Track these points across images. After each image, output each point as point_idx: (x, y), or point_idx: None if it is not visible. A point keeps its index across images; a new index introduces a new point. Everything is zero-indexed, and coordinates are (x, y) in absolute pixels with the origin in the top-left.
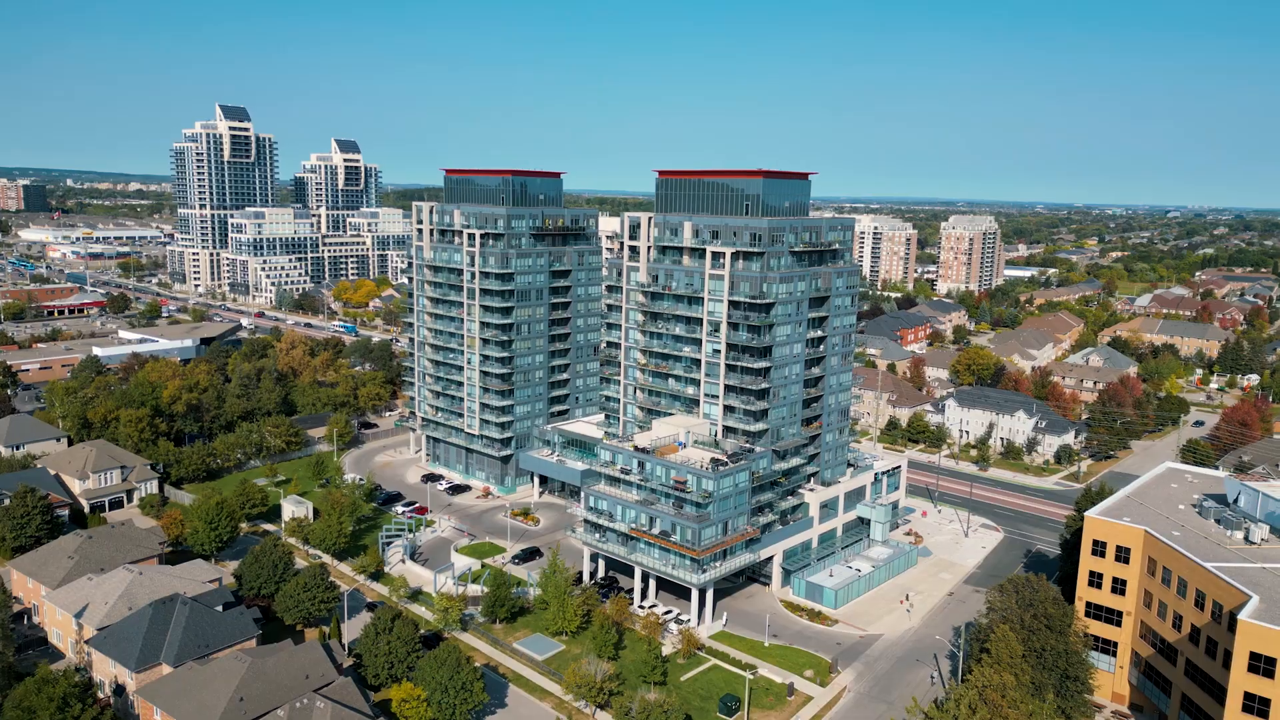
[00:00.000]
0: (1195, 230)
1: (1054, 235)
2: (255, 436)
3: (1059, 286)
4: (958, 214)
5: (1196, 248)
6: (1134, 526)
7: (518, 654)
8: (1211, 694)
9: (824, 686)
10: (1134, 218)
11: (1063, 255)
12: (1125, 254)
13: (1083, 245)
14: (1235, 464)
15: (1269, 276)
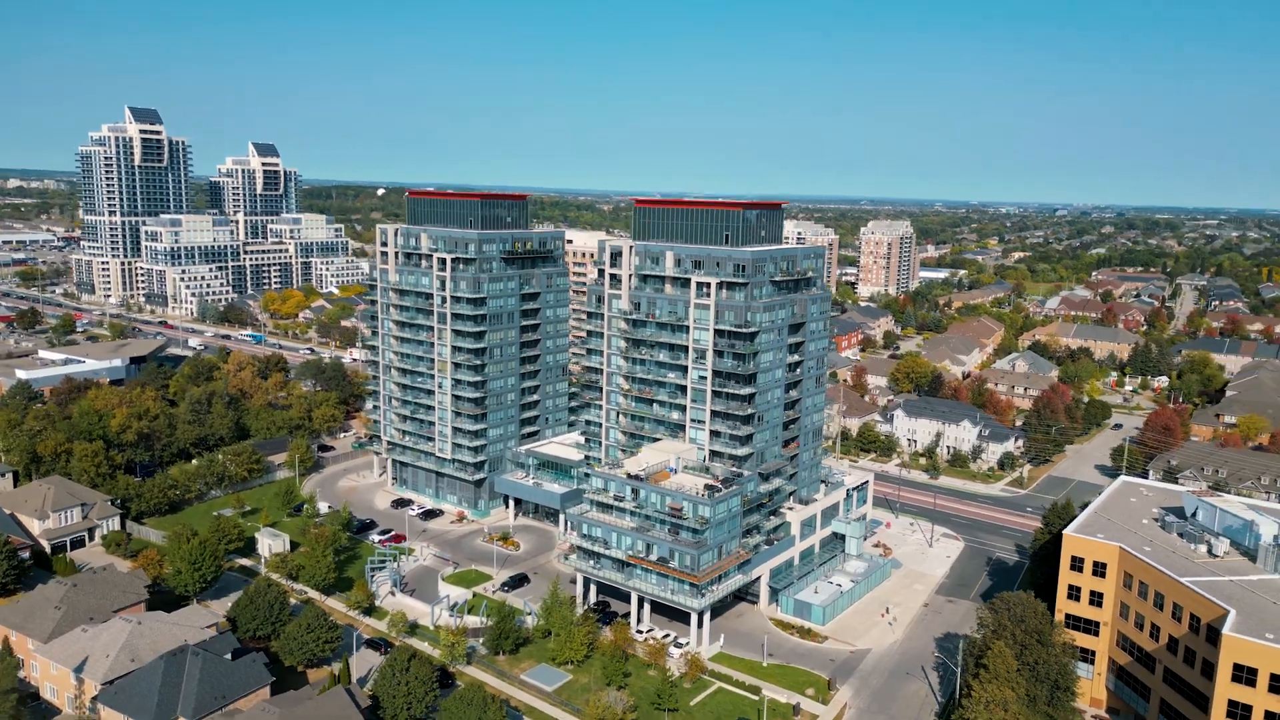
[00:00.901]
0: (1084, 229)
1: (957, 235)
2: (217, 466)
3: (971, 289)
4: (861, 210)
5: (1088, 247)
6: (1109, 544)
7: (527, 686)
8: (1191, 699)
9: (826, 705)
10: (1027, 216)
11: (969, 256)
12: (1027, 254)
13: (985, 245)
14: (1164, 468)
15: (1159, 276)
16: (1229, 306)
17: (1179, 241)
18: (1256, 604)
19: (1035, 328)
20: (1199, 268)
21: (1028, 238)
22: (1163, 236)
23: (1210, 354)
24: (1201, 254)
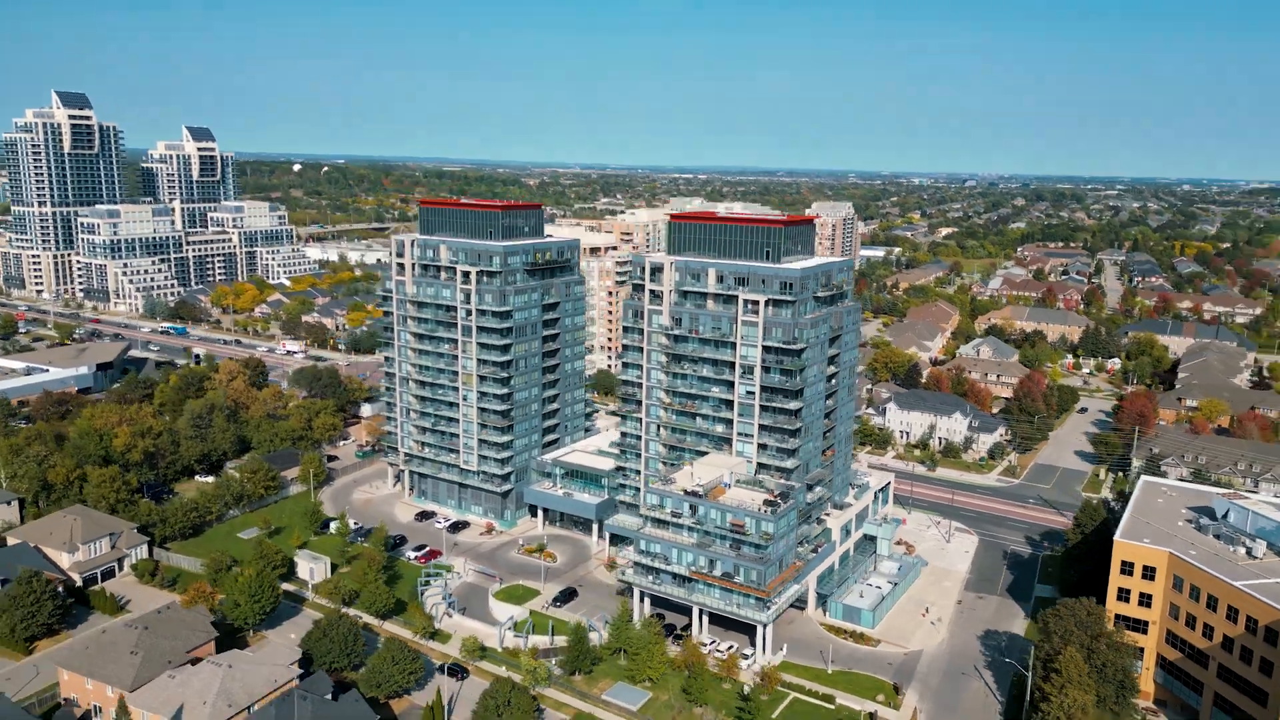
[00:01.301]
0: (998, 201)
1: (881, 209)
2: (235, 485)
3: (910, 268)
4: (781, 184)
5: (1006, 220)
6: (1159, 549)
7: (610, 706)
8: (1248, 694)
9: (898, 710)
10: (941, 188)
11: (899, 233)
12: (954, 230)
13: (911, 220)
14: (1147, 455)
15: (1081, 252)
16: (1153, 284)
17: (1087, 214)
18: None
19: (989, 311)
20: (1115, 242)
21: (948, 211)
22: (1071, 209)
23: (1155, 335)
24: (1114, 227)
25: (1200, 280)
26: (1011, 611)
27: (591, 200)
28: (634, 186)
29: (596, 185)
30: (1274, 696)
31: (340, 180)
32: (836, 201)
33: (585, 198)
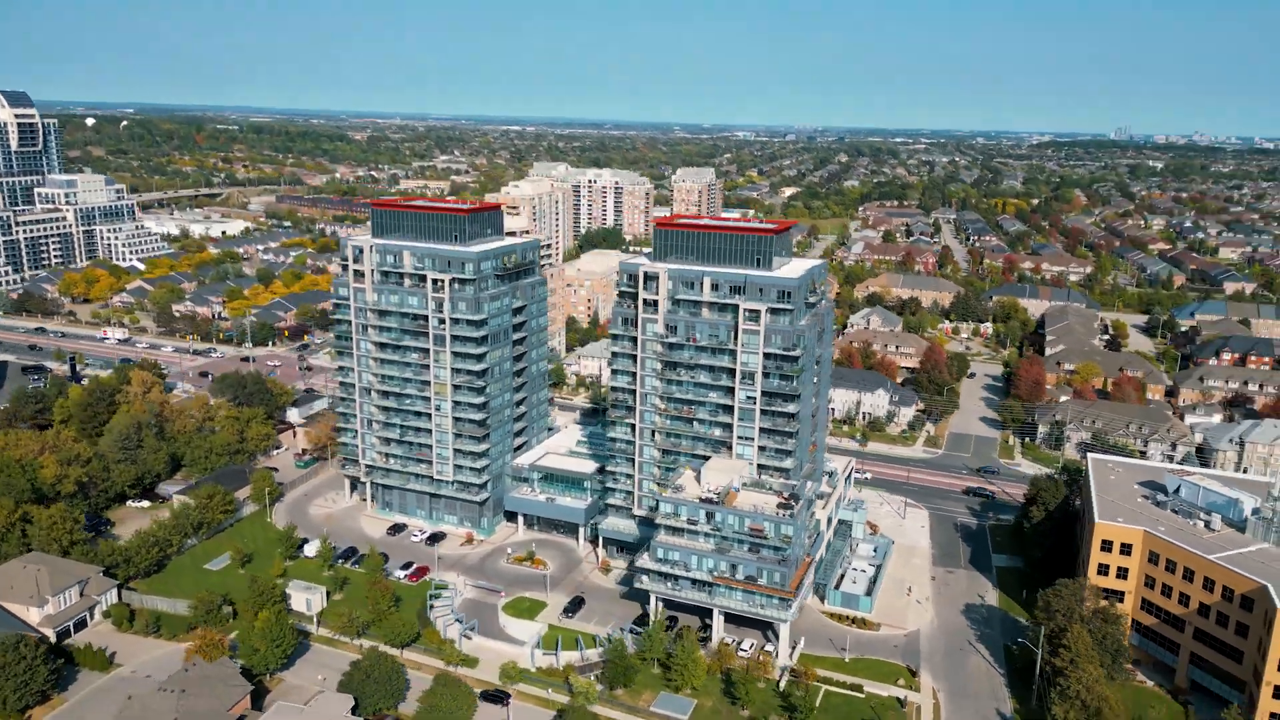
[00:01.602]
0: (824, 157)
1: (719, 168)
2: (193, 513)
3: None
4: (612, 138)
5: (836, 177)
6: (1135, 528)
7: (659, 716)
8: (1222, 651)
9: (918, 692)
10: (766, 142)
11: (745, 193)
12: (797, 190)
13: (752, 179)
14: (1052, 421)
15: (917, 211)
16: (990, 244)
17: (907, 170)
18: (1275, 574)
19: (865, 279)
20: (943, 201)
21: (781, 169)
22: (891, 164)
23: (1016, 299)
24: (936, 184)
25: (1028, 238)
26: (980, 584)
27: (428, 157)
28: (467, 141)
29: (428, 140)
30: (1248, 654)
31: (145, 136)
32: (700, 169)
33: (421, 154)
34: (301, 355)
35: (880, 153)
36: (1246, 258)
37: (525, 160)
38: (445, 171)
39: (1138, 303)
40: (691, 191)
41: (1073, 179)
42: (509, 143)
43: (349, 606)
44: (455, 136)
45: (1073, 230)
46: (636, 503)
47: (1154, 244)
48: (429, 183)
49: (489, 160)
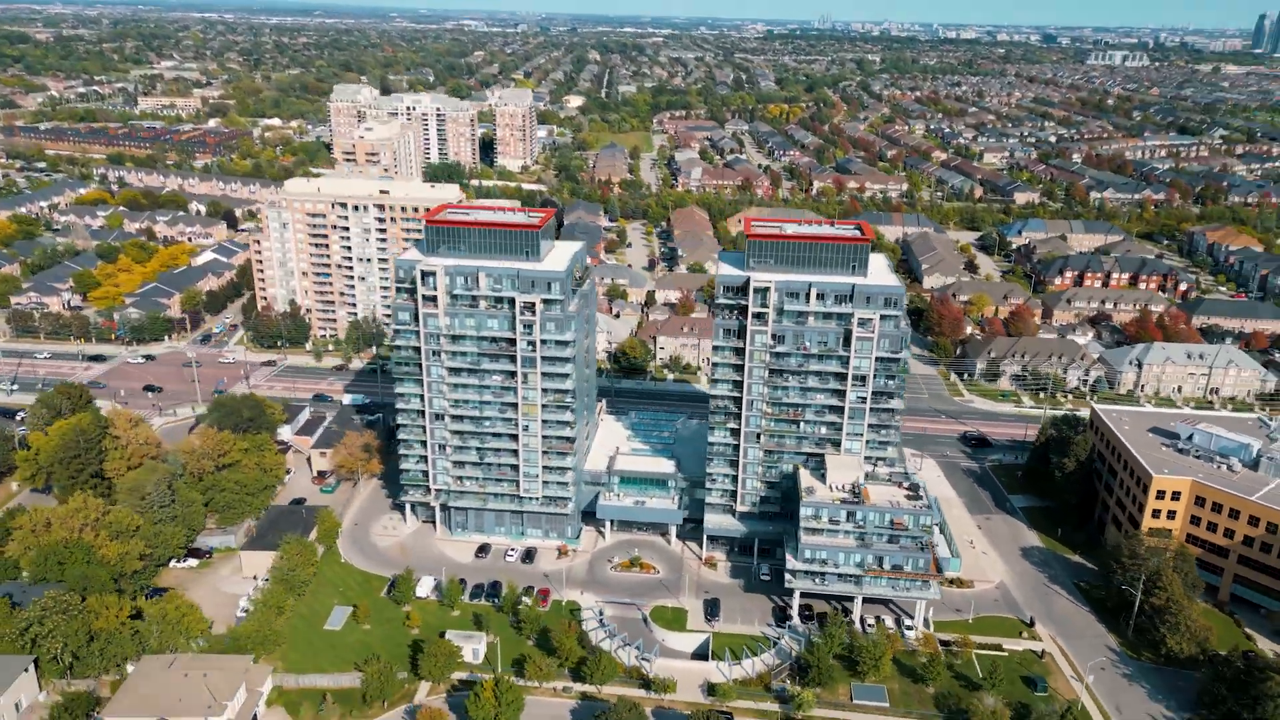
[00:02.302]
0: (580, 56)
1: (479, 69)
2: (293, 572)
3: (583, 150)
4: (282, 28)
5: (606, 82)
6: (1184, 478)
7: (867, 709)
8: (1265, 571)
9: (1040, 642)
10: (502, 35)
11: (552, 109)
12: (584, 101)
13: (525, 85)
14: (988, 359)
15: (709, 124)
16: (799, 161)
17: (667, 72)
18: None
19: (733, 213)
20: (731, 111)
21: (544, 70)
22: (640, 61)
23: (877, 225)
24: (710, 93)
25: (828, 153)
26: (1016, 528)
27: (143, 62)
28: (168, 37)
29: (133, 40)
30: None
31: None
32: (517, 89)
33: (132, 58)
34: (220, 351)
35: (628, 49)
36: (1009, 163)
37: (264, 65)
38: (182, 84)
39: (959, 220)
40: (515, 116)
41: (818, 78)
42: (220, 38)
43: (521, 649)
44: (156, 33)
45: (861, 141)
46: (739, 500)
47: (933, 153)
48: (175, 100)
49: (220, 66)
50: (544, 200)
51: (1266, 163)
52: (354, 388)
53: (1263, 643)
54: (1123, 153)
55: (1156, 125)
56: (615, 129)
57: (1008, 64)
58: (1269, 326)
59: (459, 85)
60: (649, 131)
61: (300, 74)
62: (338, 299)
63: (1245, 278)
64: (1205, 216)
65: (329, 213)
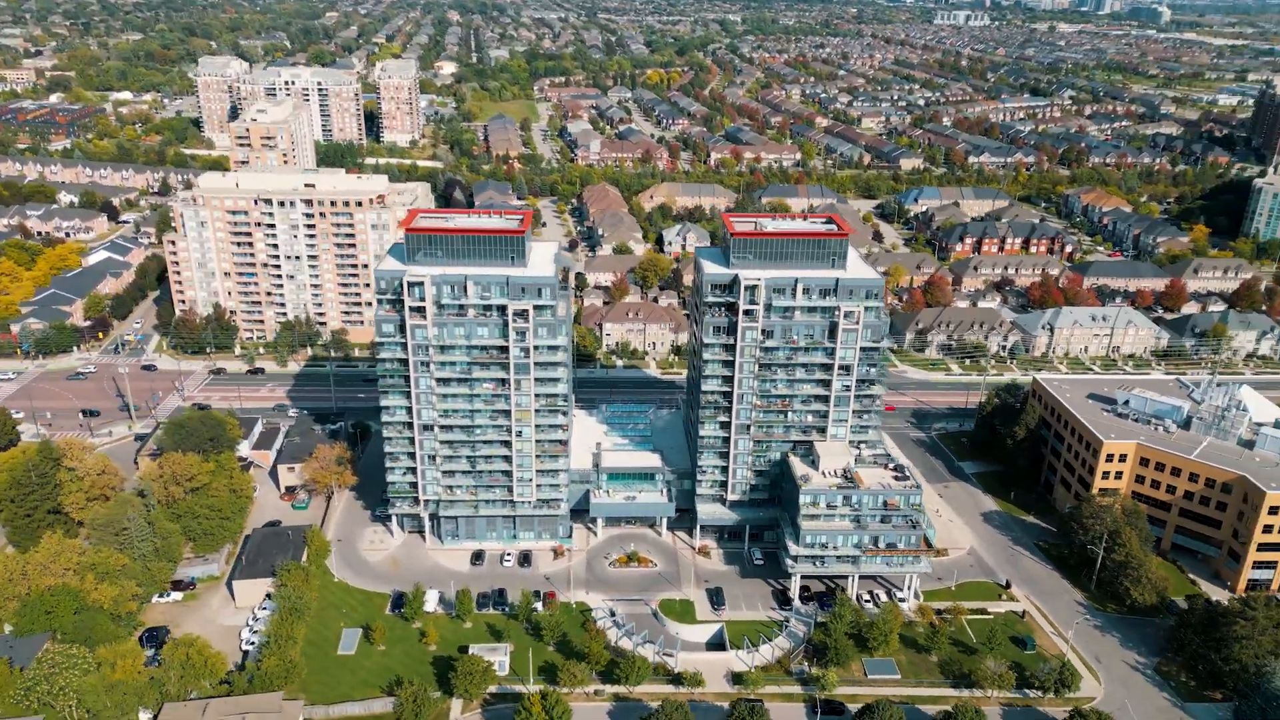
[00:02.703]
0: (440, 17)
1: (326, 28)
2: (299, 600)
3: (469, 121)
4: None
5: (471, 44)
6: (1129, 441)
7: (880, 681)
8: (1202, 521)
9: (1017, 602)
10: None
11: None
12: (459, 68)
13: (395, 52)
14: (916, 330)
15: (593, 91)
16: (691, 131)
17: (534, 35)
18: (1243, 465)
19: (646, 188)
20: (611, 78)
21: (409, 34)
22: (509, 25)
23: (784, 199)
24: (585, 58)
25: (715, 121)
26: (973, 494)
27: None
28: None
29: None
30: (1225, 523)
31: None
32: (402, 61)
33: None
34: (140, 361)
35: (488, 9)
36: (887, 129)
37: (96, 30)
38: (9, 54)
39: (855, 189)
40: (401, 88)
41: (686, 40)
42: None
43: (543, 656)
44: None
45: (745, 109)
46: (730, 489)
47: (815, 119)
48: (5, 73)
49: (46, 32)
50: (448, 180)
51: (1114, 122)
52: (299, 394)
53: (1205, 586)
54: (987, 115)
55: (1010, 87)
56: (496, 97)
57: (862, 24)
58: (1150, 284)
59: (321, 52)
60: (531, 99)
61: (142, 40)
62: (264, 299)
63: (1119, 238)
64: (1076, 179)
65: (251, 209)
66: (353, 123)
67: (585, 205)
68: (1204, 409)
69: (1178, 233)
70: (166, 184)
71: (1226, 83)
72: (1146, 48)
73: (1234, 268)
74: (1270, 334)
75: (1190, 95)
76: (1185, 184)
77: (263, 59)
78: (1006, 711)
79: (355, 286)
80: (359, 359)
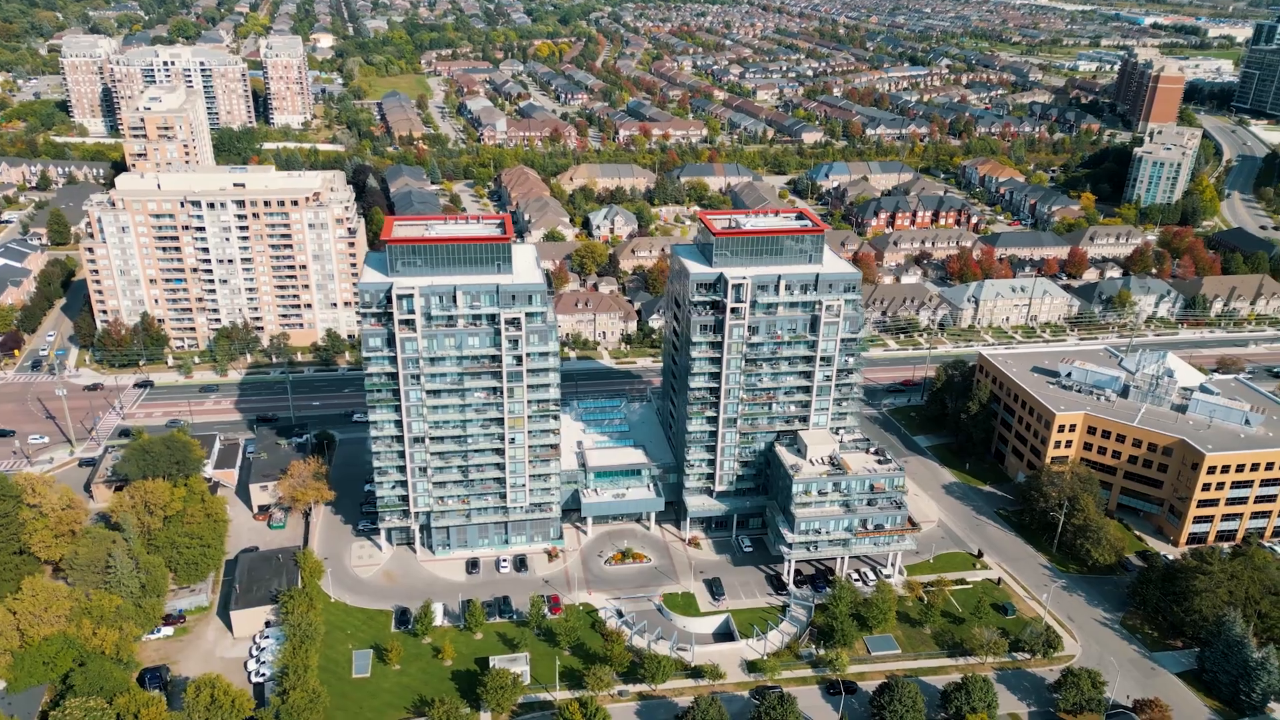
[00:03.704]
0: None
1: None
2: (308, 629)
3: (360, 99)
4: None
5: (345, 12)
6: (1078, 412)
7: (882, 657)
8: (1145, 482)
9: (991, 569)
10: None
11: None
12: (337, 40)
13: (265, 22)
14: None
15: (483, 65)
16: (598, 108)
17: (410, 2)
18: (1180, 429)
19: (563, 169)
20: (499, 49)
21: (275, 2)
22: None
23: (703, 178)
24: (466, 28)
25: (618, 96)
26: (933, 468)
27: None
28: None
29: None
30: (1167, 483)
31: None
32: (291, 37)
33: None
34: (66, 377)
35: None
36: (783, 101)
37: None
38: None
39: (765, 165)
40: (290, 67)
41: (567, 9)
42: None
43: (561, 661)
44: None
45: (642, 82)
46: (718, 481)
47: (713, 92)
48: None
49: None
50: (357, 167)
51: (991, 90)
52: (248, 405)
53: (1151, 541)
54: (874, 86)
55: (890, 56)
56: (383, 72)
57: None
58: (1054, 253)
59: (184, 24)
60: (421, 74)
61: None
62: (195, 306)
63: (1017, 207)
64: (970, 150)
65: (178, 212)
66: (241, 105)
67: (505, 189)
68: (1139, 378)
69: (1069, 201)
70: (46, 177)
71: (1083, 49)
72: (1006, 15)
73: (1125, 234)
74: (1167, 297)
75: (1052, 62)
76: (1064, 151)
77: (117, 31)
78: (1000, 675)
79: (294, 289)
80: (304, 363)
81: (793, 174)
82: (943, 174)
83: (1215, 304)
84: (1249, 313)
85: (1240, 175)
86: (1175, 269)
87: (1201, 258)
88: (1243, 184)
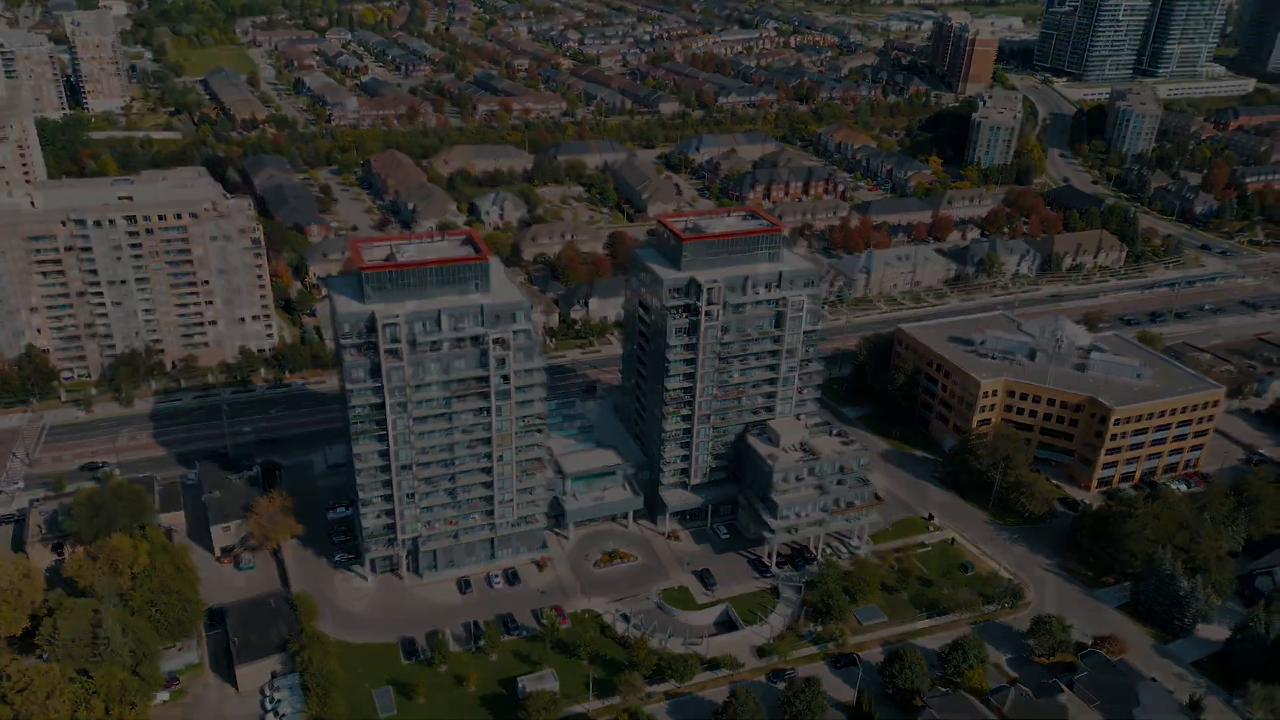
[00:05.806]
0: None
1: None
2: (328, 680)
3: (179, 76)
4: None
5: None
6: (1001, 379)
7: (872, 627)
8: (1058, 436)
9: (942, 530)
10: None
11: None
12: (134, 8)
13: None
14: None
15: (308, 34)
16: (446, 79)
17: None
18: (1085, 386)
19: (432, 153)
20: (317, 15)
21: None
22: None
23: (580, 156)
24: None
25: (462, 66)
26: (866, 437)
27: None
28: None
29: None
30: (1078, 436)
31: None
32: (100, 12)
33: None
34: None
35: None
36: (629, 69)
37: None
38: None
39: (631, 138)
40: (103, 46)
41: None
42: None
43: (583, 671)
44: None
45: (485, 50)
46: (693, 475)
47: (560, 62)
48: None
49: None
50: (211, 158)
51: (821, 53)
52: (169, 437)
53: (1066, 488)
54: (712, 51)
55: (719, 19)
56: (195, 44)
57: None
58: (918, 217)
59: None
60: (239, 45)
61: None
62: (84, 333)
63: (874, 173)
64: (820, 117)
65: (59, 232)
66: (53, 91)
67: (379, 177)
68: (1043, 342)
69: (921, 166)
70: None
71: (891, 8)
72: None
73: (977, 196)
74: (1026, 256)
75: (865, 22)
76: (900, 115)
77: None
78: (976, 628)
79: (196, 307)
80: (219, 385)
81: (661, 147)
82: (799, 142)
83: (1066, 259)
84: (1093, 265)
85: (1054, 132)
86: (1024, 228)
87: (1045, 216)
88: (1059, 140)
